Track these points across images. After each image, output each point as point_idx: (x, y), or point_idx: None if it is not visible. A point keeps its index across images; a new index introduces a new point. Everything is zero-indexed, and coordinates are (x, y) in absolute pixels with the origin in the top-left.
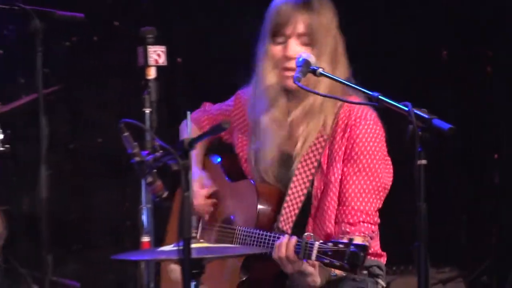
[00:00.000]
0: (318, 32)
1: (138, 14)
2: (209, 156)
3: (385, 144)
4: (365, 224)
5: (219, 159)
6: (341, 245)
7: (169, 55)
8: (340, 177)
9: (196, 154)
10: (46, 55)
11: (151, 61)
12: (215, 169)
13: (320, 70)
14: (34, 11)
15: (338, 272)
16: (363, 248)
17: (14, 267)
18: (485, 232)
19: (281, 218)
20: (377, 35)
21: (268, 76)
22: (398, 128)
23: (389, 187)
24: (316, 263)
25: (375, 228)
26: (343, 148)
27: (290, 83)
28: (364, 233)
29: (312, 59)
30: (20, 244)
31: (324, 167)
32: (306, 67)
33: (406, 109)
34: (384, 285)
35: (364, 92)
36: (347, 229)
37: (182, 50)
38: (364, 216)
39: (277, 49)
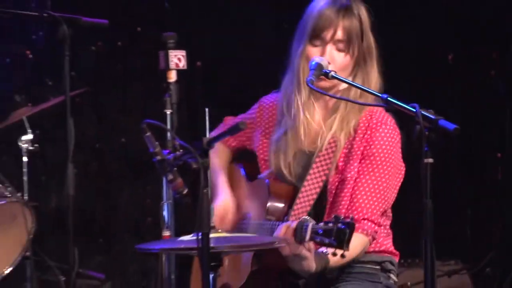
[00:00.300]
0: (355, 38)
1: (159, 20)
2: (234, 162)
3: (400, 150)
4: (368, 223)
5: (241, 166)
6: (330, 224)
7: (189, 59)
8: (355, 175)
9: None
10: (73, 59)
11: (172, 64)
12: (237, 172)
13: (332, 73)
14: (62, 18)
15: (332, 261)
16: (349, 225)
17: (43, 260)
18: (488, 226)
19: (292, 213)
20: (385, 39)
21: (303, 75)
22: (405, 128)
23: (397, 191)
24: (312, 247)
25: (378, 228)
26: (361, 149)
27: (322, 84)
28: (366, 230)
29: (324, 62)
30: (48, 238)
31: (340, 164)
32: (319, 70)
33: (414, 110)
34: (396, 280)
35: (374, 94)
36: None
37: (202, 55)
38: (368, 214)
39: (313, 51)
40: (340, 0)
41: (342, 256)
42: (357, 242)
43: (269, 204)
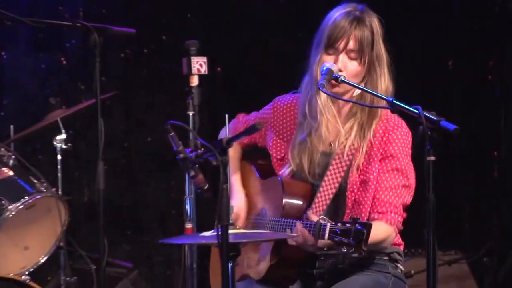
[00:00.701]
0: (366, 48)
1: (182, 29)
2: (246, 160)
3: (409, 151)
4: (392, 214)
5: (251, 162)
6: (348, 225)
7: (210, 65)
8: (377, 176)
9: (236, 167)
10: (103, 65)
11: (194, 70)
12: (250, 169)
13: (342, 78)
14: (93, 28)
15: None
16: (367, 226)
17: (75, 250)
18: (486, 220)
19: (311, 210)
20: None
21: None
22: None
23: (414, 188)
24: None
25: (401, 219)
26: (381, 150)
27: (335, 90)
28: (390, 221)
29: (334, 68)
30: (80, 229)
31: (362, 166)
32: (329, 75)
33: (417, 112)
34: (403, 269)
35: (380, 97)
36: (375, 217)
37: (222, 61)
38: (392, 207)
39: (328, 59)
40: (354, 12)
41: (361, 253)
42: (381, 230)
43: (285, 201)
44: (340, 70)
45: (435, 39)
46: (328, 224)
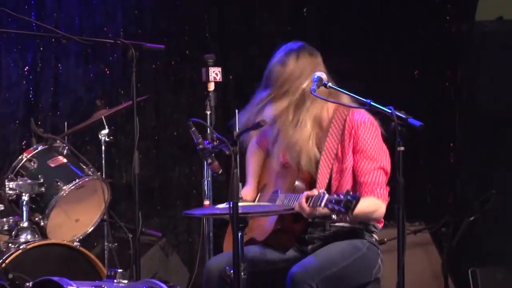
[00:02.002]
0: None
1: (202, 45)
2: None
3: (380, 137)
4: (378, 190)
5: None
6: (341, 196)
7: (224, 74)
8: (353, 164)
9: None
10: (138, 74)
11: (211, 78)
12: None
13: (329, 84)
14: (131, 44)
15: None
16: (356, 197)
17: (116, 222)
18: (443, 197)
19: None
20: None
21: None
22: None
23: (389, 171)
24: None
25: (386, 192)
26: (351, 144)
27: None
28: (378, 196)
29: (324, 76)
30: (120, 205)
31: (339, 155)
32: (319, 82)
33: (390, 111)
34: (377, 238)
35: (360, 99)
36: (365, 194)
37: (233, 70)
38: (376, 185)
39: None
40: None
41: (347, 219)
42: (371, 203)
43: (296, 183)
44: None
45: (404, 53)
46: (326, 195)
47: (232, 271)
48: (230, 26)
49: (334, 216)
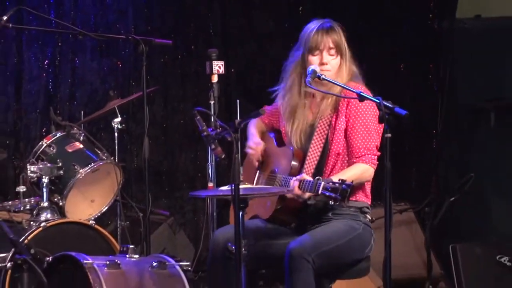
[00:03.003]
0: (340, 46)
1: (206, 41)
2: (267, 132)
3: (375, 114)
4: (367, 155)
5: (272, 134)
6: (336, 184)
7: (226, 67)
8: (345, 127)
9: (255, 132)
10: (148, 67)
11: (214, 71)
12: (269, 139)
13: (322, 76)
14: (141, 40)
15: None
16: (349, 186)
17: (127, 202)
18: (427, 179)
19: (304, 170)
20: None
21: (303, 78)
22: None
23: (381, 132)
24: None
25: (375, 157)
26: (345, 109)
27: (326, 75)
28: (366, 161)
29: (317, 69)
30: (131, 187)
31: (333, 123)
32: (314, 74)
33: (378, 101)
34: (370, 218)
35: (351, 90)
36: (355, 161)
37: (234, 64)
38: (365, 150)
39: (314, 59)
40: (325, 24)
41: (343, 206)
42: (358, 169)
43: (292, 163)
44: (325, 64)
45: (391, 48)
46: (323, 182)
47: (233, 247)
48: (232, 23)
49: (331, 202)
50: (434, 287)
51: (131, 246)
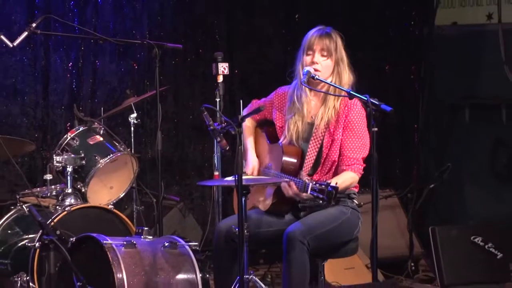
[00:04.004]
0: (332, 50)
1: (212, 45)
2: (259, 128)
3: (366, 121)
4: (355, 165)
5: (264, 130)
6: (323, 186)
7: (230, 68)
8: (341, 137)
9: (251, 135)
10: (160, 68)
11: (220, 72)
12: (261, 135)
13: (316, 77)
14: (154, 44)
15: None
16: (335, 188)
17: (142, 189)
18: (409, 168)
19: (304, 166)
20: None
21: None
22: None
23: (369, 146)
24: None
25: (361, 167)
26: (344, 121)
27: (313, 84)
28: (354, 170)
29: (311, 70)
30: (146, 175)
31: (332, 130)
32: (308, 75)
33: (366, 98)
34: (357, 203)
35: (341, 89)
36: (344, 168)
37: (238, 66)
38: (355, 161)
39: (307, 58)
40: (324, 29)
41: (331, 205)
42: (348, 176)
43: (283, 159)
44: (316, 63)
45: (378, 51)
46: (310, 184)
47: (237, 229)
48: (235, 29)
49: (320, 201)
50: (416, 265)
51: (146, 228)
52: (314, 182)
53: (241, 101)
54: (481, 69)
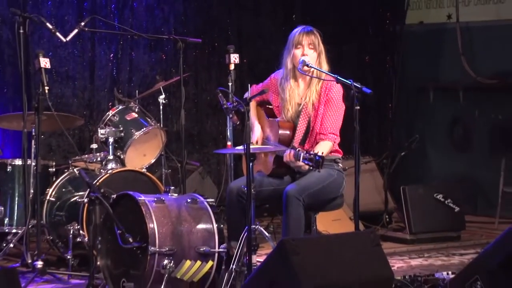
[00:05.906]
0: (316, 44)
1: (226, 39)
2: (259, 107)
3: (343, 103)
4: (331, 135)
5: (263, 108)
6: (312, 155)
7: (240, 58)
8: (322, 111)
9: (254, 113)
10: (184, 58)
11: (231, 61)
12: (261, 112)
13: (310, 64)
14: (179, 39)
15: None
16: (322, 157)
17: (169, 156)
18: (384, 138)
19: (295, 138)
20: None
21: (295, 66)
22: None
23: (343, 117)
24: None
25: (337, 137)
26: (324, 98)
27: (305, 69)
28: (331, 139)
29: (306, 59)
30: (172, 145)
31: (316, 106)
32: (304, 63)
33: (349, 82)
34: (341, 166)
35: (330, 75)
36: (322, 138)
37: (246, 56)
38: (331, 130)
39: (298, 52)
40: (307, 28)
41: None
42: (327, 146)
43: (279, 132)
44: (306, 55)
45: (359, 45)
46: (302, 153)
47: (245, 188)
48: (245, 27)
49: (310, 168)
50: (389, 217)
51: (172, 188)
52: (305, 152)
53: (249, 86)
54: (443, 59)
